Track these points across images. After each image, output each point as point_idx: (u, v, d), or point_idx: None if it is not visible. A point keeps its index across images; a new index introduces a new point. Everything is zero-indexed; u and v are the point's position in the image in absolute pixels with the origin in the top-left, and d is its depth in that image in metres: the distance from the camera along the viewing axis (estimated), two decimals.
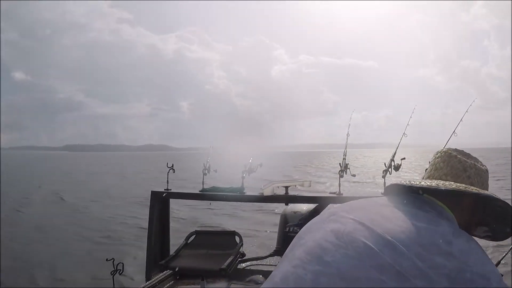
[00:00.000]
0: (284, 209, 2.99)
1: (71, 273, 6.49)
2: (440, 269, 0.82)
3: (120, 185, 22.41)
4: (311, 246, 0.92)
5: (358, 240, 0.88)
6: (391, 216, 0.95)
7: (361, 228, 0.91)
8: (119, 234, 9.41)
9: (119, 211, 12.71)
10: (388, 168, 2.48)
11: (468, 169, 1.12)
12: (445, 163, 1.15)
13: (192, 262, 2.71)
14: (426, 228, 0.90)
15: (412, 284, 0.80)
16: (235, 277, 2.64)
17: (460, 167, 1.13)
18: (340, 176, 2.61)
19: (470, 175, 1.11)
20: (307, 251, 0.91)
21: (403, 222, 0.92)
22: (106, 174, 32.99)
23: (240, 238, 2.92)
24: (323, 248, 0.90)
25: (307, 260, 0.89)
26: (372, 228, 0.90)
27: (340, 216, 1.00)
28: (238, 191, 2.83)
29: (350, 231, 0.91)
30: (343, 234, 0.91)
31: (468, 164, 1.13)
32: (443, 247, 0.86)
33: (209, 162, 2.96)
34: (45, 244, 8.46)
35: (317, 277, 0.84)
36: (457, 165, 1.13)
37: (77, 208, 13.59)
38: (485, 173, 1.15)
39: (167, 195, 2.94)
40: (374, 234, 0.88)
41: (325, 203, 2.83)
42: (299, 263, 0.89)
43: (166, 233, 3.03)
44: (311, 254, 0.90)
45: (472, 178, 1.11)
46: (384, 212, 0.99)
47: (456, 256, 0.85)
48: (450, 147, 1.25)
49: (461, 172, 1.12)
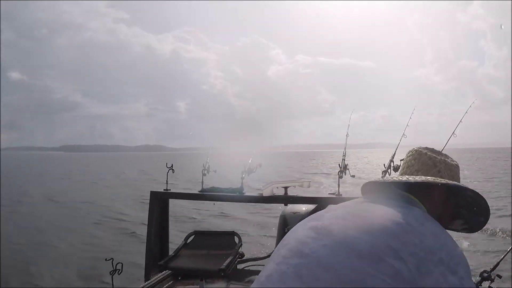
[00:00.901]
0: (283, 210, 2.99)
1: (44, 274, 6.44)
2: (411, 247, 0.86)
3: (114, 187, 22.21)
4: (293, 244, 0.97)
5: (334, 231, 0.94)
6: (367, 208, 1.03)
7: (337, 222, 0.97)
8: (99, 239, 9.27)
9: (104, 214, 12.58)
10: (387, 169, 2.48)
11: (438, 164, 1.19)
12: (416, 160, 1.23)
13: (191, 263, 2.71)
14: (401, 211, 0.95)
15: (388, 264, 0.83)
16: (234, 278, 2.64)
17: (430, 163, 1.20)
18: (339, 177, 2.62)
19: (440, 169, 1.18)
20: (289, 248, 0.96)
21: (379, 210, 0.98)
22: (102, 175, 32.79)
23: (239, 239, 2.92)
24: (303, 243, 0.95)
25: (289, 256, 0.93)
26: (348, 218, 0.98)
27: (319, 215, 1.08)
28: (238, 191, 2.83)
29: (327, 224, 0.98)
30: (321, 229, 0.97)
31: (437, 159, 1.20)
32: (416, 226, 0.91)
33: (208, 162, 2.96)
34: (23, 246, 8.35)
35: (298, 270, 0.88)
36: (427, 161, 1.20)
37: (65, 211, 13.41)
38: (456, 168, 1.22)
39: (167, 195, 2.94)
40: (350, 224, 0.94)
41: (325, 204, 2.84)
42: (282, 260, 0.94)
43: (165, 233, 3.02)
44: (293, 251, 0.95)
45: (442, 172, 1.18)
46: (360, 205, 1.07)
47: (427, 237, 0.89)
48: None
49: (431, 168, 1.18)
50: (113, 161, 78.86)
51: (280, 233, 2.96)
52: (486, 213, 1.19)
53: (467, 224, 1.25)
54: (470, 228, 1.25)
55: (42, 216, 12.26)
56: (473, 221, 1.23)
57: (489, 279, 1.65)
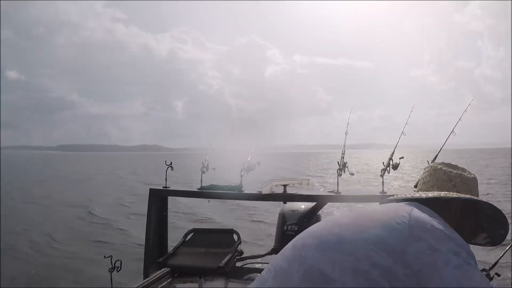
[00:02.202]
0: (282, 208, 3.00)
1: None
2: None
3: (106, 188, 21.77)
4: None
5: (328, 234, 0.98)
6: (371, 215, 1.05)
7: (334, 229, 1.00)
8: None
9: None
10: (386, 167, 2.50)
11: (453, 179, 1.17)
12: (431, 176, 1.22)
13: (190, 260, 2.71)
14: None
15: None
16: (233, 275, 2.64)
17: (445, 177, 1.18)
18: (338, 175, 2.63)
19: (456, 183, 1.16)
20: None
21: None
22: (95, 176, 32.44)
23: (238, 236, 2.92)
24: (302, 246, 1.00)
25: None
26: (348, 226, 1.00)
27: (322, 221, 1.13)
28: (237, 189, 2.83)
29: (321, 229, 1.03)
30: (319, 235, 1.00)
31: (453, 174, 1.18)
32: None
33: (207, 160, 2.97)
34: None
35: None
36: (442, 176, 1.19)
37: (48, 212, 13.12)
38: (472, 181, 1.20)
39: (165, 192, 2.94)
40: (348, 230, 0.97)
41: (323, 202, 2.85)
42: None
43: (164, 230, 3.02)
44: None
45: (457, 186, 1.16)
46: (364, 212, 1.08)
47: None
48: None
49: (446, 182, 1.17)
50: (108, 161, 78.34)
51: (279, 231, 2.96)
52: (505, 226, 1.18)
53: (490, 237, 1.23)
54: (492, 242, 1.23)
55: (16, 217, 11.81)
56: (495, 234, 1.21)
57: (488, 277, 1.66)
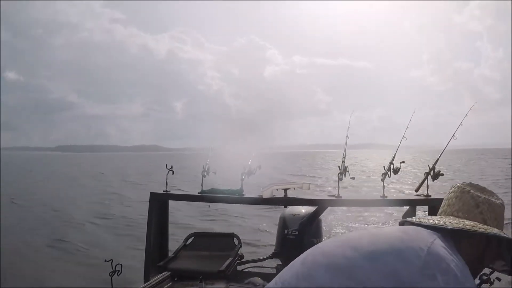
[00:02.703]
0: (283, 212, 3.00)
1: None
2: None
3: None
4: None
5: (338, 255, 0.96)
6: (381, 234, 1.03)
7: (343, 248, 0.98)
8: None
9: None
10: (387, 171, 2.50)
11: (480, 205, 1.11)
12: (458, 198, 1.15)
13: (190, 264, 2.71)
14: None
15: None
16: (234, 279, 2.64)
17: (472, 202, 1.12)
18: (339, 179, 2.62)
19: (483, 210, 1.11)
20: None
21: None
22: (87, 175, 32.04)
23: (238, 240, 2.92)
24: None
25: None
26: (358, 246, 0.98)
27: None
28: (237, 193, 2.83)
29: (334, 248, 1.01)
30: (332, 254, 0.98)
31: (481, 199, 1.12)
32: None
33: (208, 164, 2.96)
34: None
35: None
36: (469, 200, 1.13)
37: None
38: (500, 208, 1.14)
39: (166, 196, 2.94)
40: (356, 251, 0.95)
41: (324, 206, 2.85)
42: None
43: (164, 234, 3.02)
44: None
45: (484, 214, 1.10)
46: (383, 235, 1.04)
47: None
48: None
49: (473, 208, 1.11)
50: (105, 161, 77.84)
51: (279, 234, 2.97)
52: None
53: (507, 265, 1.17)
54: (510, 271, 1.17)
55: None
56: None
57: (488, 281, 1.66)
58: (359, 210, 9.65)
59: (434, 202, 2.53)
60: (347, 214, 9.62)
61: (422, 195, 2.57)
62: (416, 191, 2.63)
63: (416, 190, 2.63)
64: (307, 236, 2.87)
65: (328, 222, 8.65)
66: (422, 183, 2.55)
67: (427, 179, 2.50)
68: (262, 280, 2.69)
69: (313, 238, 2.89)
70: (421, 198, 2.56)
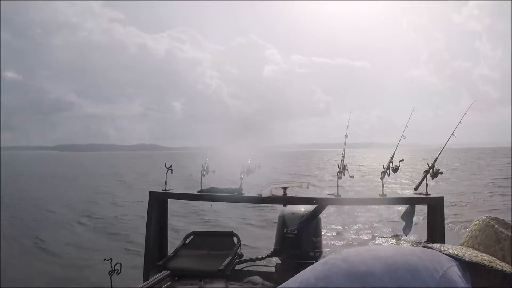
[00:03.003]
0: (282, 210, 2.99)
1: None
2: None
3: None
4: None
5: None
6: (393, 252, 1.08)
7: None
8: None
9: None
10: (386, 170, 2.50)
11: (502, 241, 1.12)
12: (481, 231, 1.16)
13: (190, 263, 2.71)
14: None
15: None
16: (233, 278, 2.64)
17: (494, 237, 1.13)
18: (338, 178, 2.63)
19: (504, 247, 1.11)
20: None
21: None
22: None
23: (238, 239, 2.92)
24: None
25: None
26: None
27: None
28: (237, 192, 2.83)
29: (355, 255, 1.07)
30: (352, 260, 1.05)
31: (503, 236, 1.13)
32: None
33: (207, 163, 2.95)
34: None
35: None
36: (492, 235, 1.14)
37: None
38: None
39: (165, 195, 2.93)
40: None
41: (324, 205, 2.85)
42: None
43: (164, 233, 3.02)
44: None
45: (505, 250, 1.11)
46: (404, 252, 1.08)
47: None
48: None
49: (494, 243, 1.12)
50: (103, 160, 77.70)
51: (279, 233, 2.96)
52: None
53: None
54: None
55: None
56: None
57: None
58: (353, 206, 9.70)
59: (433, 201, 2.53)
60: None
61: (421, 194, 2.57)
62: (415, 189, 2.64)
63: (415, 188, 2.64)
64: (306, 235, 2.86)
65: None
66: (421, 182, 2.55)
67: (426, 178, 2.51)
68: (262, 279, 2.69)
69: (313, 237, 2.89)
70: (421, 197, 2.56)
